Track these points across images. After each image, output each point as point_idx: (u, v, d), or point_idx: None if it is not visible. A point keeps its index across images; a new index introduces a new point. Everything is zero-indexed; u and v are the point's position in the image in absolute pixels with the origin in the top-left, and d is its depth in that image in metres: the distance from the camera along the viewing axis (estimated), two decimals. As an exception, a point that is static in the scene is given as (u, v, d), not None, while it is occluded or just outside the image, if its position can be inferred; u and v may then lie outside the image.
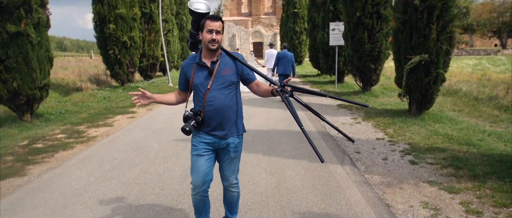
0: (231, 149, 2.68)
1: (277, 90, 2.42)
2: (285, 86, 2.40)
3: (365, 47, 10.15)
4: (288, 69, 10.31)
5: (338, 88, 13.19)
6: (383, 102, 9.72)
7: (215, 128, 2.60)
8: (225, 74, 2.57)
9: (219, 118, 2.57)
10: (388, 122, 7.15)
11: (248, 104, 9.84)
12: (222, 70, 2.57)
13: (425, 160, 4.83)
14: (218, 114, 2.56)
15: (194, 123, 2.54)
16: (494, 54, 41.24)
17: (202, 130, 2.63)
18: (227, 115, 2.60)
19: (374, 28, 9.99)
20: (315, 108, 2.66)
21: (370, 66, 10.37)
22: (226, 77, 2.57)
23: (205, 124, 2.59)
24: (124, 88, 15.36)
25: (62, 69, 32.18)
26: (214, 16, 2.51)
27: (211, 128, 2.60)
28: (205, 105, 2.55)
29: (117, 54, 14.89)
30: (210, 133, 2.62)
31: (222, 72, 2.56)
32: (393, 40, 7.57)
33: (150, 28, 18.40)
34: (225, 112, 2.58)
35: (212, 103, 2.54)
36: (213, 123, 2.58)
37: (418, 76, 7.13)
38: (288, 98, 2.38)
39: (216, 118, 2.57)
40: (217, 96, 2.54)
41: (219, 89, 2.55)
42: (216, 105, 2.54)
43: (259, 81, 2.70)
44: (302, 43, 28.59)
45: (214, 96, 2.54)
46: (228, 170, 2.78)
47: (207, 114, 2.56)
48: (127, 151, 5.79)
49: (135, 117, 9.07)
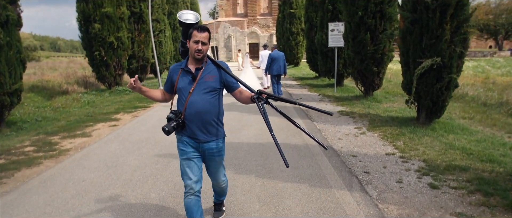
0: (215, 153, 2.83)
1: (254, 98, 2.55)
2: (262, 94, 2.52)
3: (367, 49, 9.43)
4: (282, 69, 11.00)
5: (338, 92, 12.47)
6: (387, 108, 9.01)
7: (196, 132, 2.71)
8: (208, 81, 2.69)
9: (199, 121, 2.68)
10: (396, 133, 6.43)
11: (240, 111, 9.08)
12: (205, 76, 2.69)
13: (447, 182, 4.10)
14: (198, 116, 2.67)
15: (175, 124, 2.66)
16: (491, 56, 40.86)
17: (185, 135, 2.75)
18: (207, 118, 2.70)
19: (377, 28, 9.28)
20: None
21: (373, 69, 9.65)
22: (209, 83, 2.69)
23: (186, 126, 2.71)
24: (111, 92, 14.54)
25: (51, 71, 31.26)
26: (202, 27, 2.62)
27: (192, 132, 2.72)
28: (186, 108, 2.66)
29: (104, 55, 14.07)
30: (192, 137, 2.74)
31: (205, 79, 2.69)
32: (400, 42, 6.86)
33: (140, 28, 17.59)
34: (205, 115, 2.69)
35: (193, 107, 2.65)
36: (193, 126, 2.70)
37: (428, 81, 6.42)
38: (263, 105, 2.50)
39: (196, 120, 2.68)
40: (198, 101, 2.66)
41: (201, 94, 2.67)
42: (197, 109, 2.65)
43: (242, 89, 2.78)
44: (299, 44, 27.92)
45: (195, 100, 2.66)
46: (216, 172, 2.97)
47: (187, 116, 2.67)
48: (99, 169, 5.01)
49: (117, 126, 8.28)
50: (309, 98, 11.31)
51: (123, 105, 11.51)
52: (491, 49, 51.55)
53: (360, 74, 10.03)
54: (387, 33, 9.31)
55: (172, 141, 6.85)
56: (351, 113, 8.56)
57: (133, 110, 10.52)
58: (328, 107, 9.59)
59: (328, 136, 6.39)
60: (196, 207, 2.74)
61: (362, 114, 8.30)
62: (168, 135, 2.67)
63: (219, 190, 3.18)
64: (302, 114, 8.67)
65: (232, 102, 10.40)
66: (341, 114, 8.55)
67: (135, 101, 12.27)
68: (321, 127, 7.19)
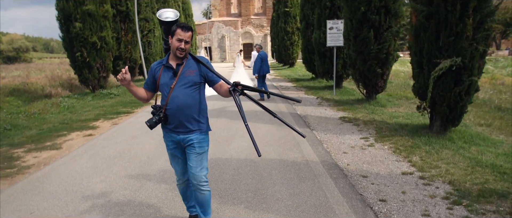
0: (195, 144, 2.79)
1: (230, 90, 2.60)
2: (237, 86, 2.57)
3: (370, 48, 8.59)
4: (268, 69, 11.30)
5: (337, 95, 11.61)
6: (393, 114, 8.16)
7: (178, 125, 2.75)
8: (188, 75, 2.73)
9: (181, 115, 2.72)
10: (409, 144, 5.57)
11: (230, 118, 8.20)
12: (186, 71, 2.73)
13: (487, 216, 3.24)
14: (180, 111, 2.71)
15: (157, 119, 2.71)
16: (489, 55, 40.31)
17: (169, 128, 2.81)
18: (189, 112, 2.74)
19: (382, 25, 8.43)
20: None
21: (377, 70, 8.81)
22: (190, 78, 2.73)
23: (168, 120, 2.76)
24: (94, 95, 13.57)
25: (39, 72, 30.17)
26: (186, 26, 2.64)
27: (175, 125, 2.76)
28: (168, 102, 2.71)
29: (86, 56, 13.12)
30: (175, 130, 2.79)
31: (186, 73, 2.72)
32: (412, 40, 6.01)
33: (127, 28, 16.69)
34: (187, 109, 2.73)
35: (175, 101, 2.70)
36: (175, 120, 2.74)
37: (445, 85, 5.58)
38: (238, 97, 2.56)
39: (178, 114, 2.72)
40: (180, 95, 2.70)
41: (182, 89, 2.71)
42: (178, 103, 2.69)
43: (222, 83, 2.78)
44: (294, 44, 27.07)
45: (177, 95, 2.70)
46: (196, 167, 2.82)
47: (169, 110, 2.72)
48: (56, 195, 4.10)
49: (93, 135, 7.36)
50: (307, 102, 10.45)
51: (105, 110, 10.57)
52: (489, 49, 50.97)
53: (362, 76, 9.18)
54: (393, 30, 8.47)
55: (149, 156, 5.93)
56: (354, 119, 7.70)
57: (115, 116, 9.60)
58: (328, 112, 8.73)
59: (331, 149, 5.52)
60: (189, 191, 3.03)
61: (366, 121, 7.44)
62: (151, 129, 2.76)
63: (200, 197, 2.89)
64: (301, 122, 7.80)
65: (222, 107, 9.52)
66: (343, 120, 7.68)
67: (119, 106, 11.34)
68: (322, 137, 6.32)
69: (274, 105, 9.87)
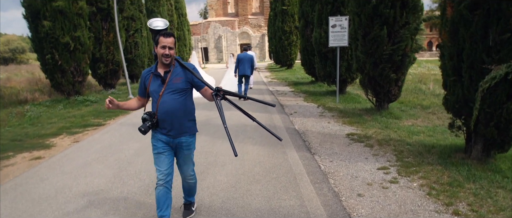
0: (184, 146, 3.04)
1: (212, 94, 2.79)
2: (219, 91, 2.76)
3: (383, 48, 7.12)
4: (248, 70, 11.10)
5: (341, 103, 10.14)
6: (411, 128, 6.70)
7: (168, 128, 2.95)
8: (175, 82, 2.90)
9: (170, 119, 2.92)
10: (446, 180, 4.10)
11: (214, 136, 6.73)
12: (173, 79, 2.90)
13: None
14: (169, 115, 2.90)
15: (150, 124, 2.90)
16: None
17: (158, 132, 2.99)
18: (177, 116, 2.93)
19: (397, 21, 6.96)
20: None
21: (390, 75, 7.33)
22: (177, 85, 2.91)
23: (159, 125, 2.95)
24: (68, 103, 12.06)
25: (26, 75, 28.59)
26: (167, 33, 2.85)
27: (165, 129, 2.96)
28: (158, 108, 2.90)
29: (58, 59, 11.62)
30: (164, 133, 2.97)
31: (173, 81, 2.90)
32: (447, 38, 4.56)
33: (109, 27, 15.19)
34: (175, 113, 2.92)
35: (164, 106, 2.89)
36: (166, 124, 2.94)
37: (494, 98, 4.11)
38: (220, 101, 2.74)
39: (167, 119, 2.92)
40: (168, 101, 2.89)
41: (170, 95, 2.89)
42: (167, 108, 2.89)
43: (207, 87, 2.92)
44: (292, 44, 25.60)
45: (166, 100, 2.89)
46: (184, 165, 3.15)
47: (160, 115, 2.92)
48: None
49: (41, 159, 5.90)
50: (306, 113, 8.97)
51: (73, 122, 9.09)
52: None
53: (373, 82, 7.70)
54: (411, 27, 7.00)
55: (97, 193, 4.22)
56: (365, 137, 6.22)
57: (81, 130, 8.12)
58: (332, 127, 7.24)
59: (340, 189, 4.03)
60: (164, 198, 2.96)
61: (381, 140, 5.97)
62: (144, 134, 2.89)
63: (187, 187, 3.28)
64: (299, 141, 6.31)
65: (205, 120, 8.01)
66: (352, 139, 6.20)
67: (91, 116, 9.86)
68: (327, 166, 4.83)
69: (268, 117, 8.39)
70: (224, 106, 2.79)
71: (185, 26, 34.01)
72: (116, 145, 6.46)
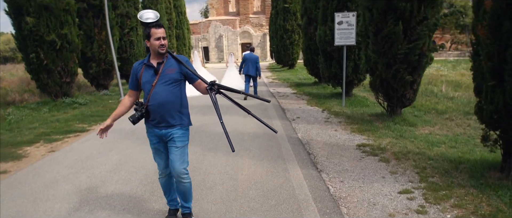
0: (176, 138, 2.93)
1: (207, 88, 2.77)
2: (214, 85, 2.74)
3: (398, 47, 6.30)
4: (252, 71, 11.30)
5: (347, 106, 9.32)
6: (429, 138, 5.89)
7: (160, 120, 2.89)
8: (169, 73, 2.86)
9: (162, 110, 2.85)
10: (489, 211, 3.29)
11: (206, 148, 5.92)
12: (166, 69, 2.86)
13: None
14: (161, 106, 2.84)
15: (139, 115, 2.85)
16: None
17: (151, 124, 2.94)
18: (169, 108, 2.87)
19: (414, 16, 6.14)
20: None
21: (405, 77, 6.52)
22: (170, 75, 2.86)
23: (150, 116, 2.90)
24: (54, 105, 11.27)
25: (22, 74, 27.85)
26: (157, 24, 2.80)
27: (157, 121, 2.90)
28: (149, 99, 2.84)
29: (43, 58, 10.83)
30: (157, 125, 2.92)
31: (167, 72, 2.86)
32: (484, 34, 3.75)
33: (101, 25, 14.38)
34: (168, 105, 2.85)
35: (156, 98, 2.83)
36: (157, 115, 2.87)
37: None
38: (215, 95, 2.73)
39: (159, 110, 2.85)
40: (160, 92, 2.83)
41: (163, 86, 2.83)
42: (159, 99, 2.82)
43: (201, 81, 2.89)
44: (294, 44, 24.77)
45: (158, 92, 2.83)
46: (177, 161, 2.95)
47: (151, 107, 2.85)
48: None
49: (8, 173, 5.13)
50: (310, 118, 8.15)
51: (55, 128, 8.31)
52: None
53: (385, 84, 6.89)
54: (429, 23, 6.18)
55: None
56: (379, 149, 5.40)
57: (61, 137, 7.35)
58: (339, 135, 6.42)
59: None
60: (168, 185, 3.15)
61: (398, 153, 5.15)
62: (134, 125, 2.88)
63: (181, 188, 3.10)
64: (302, 154, 5.51)
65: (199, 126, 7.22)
66: (363, 151, 5.38)
67: (75, 120, 9.07)
68: (338, 187, 4.02)
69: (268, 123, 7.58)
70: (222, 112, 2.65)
71: (184, 25, 33.16)
72: (94, 157, 5.66)
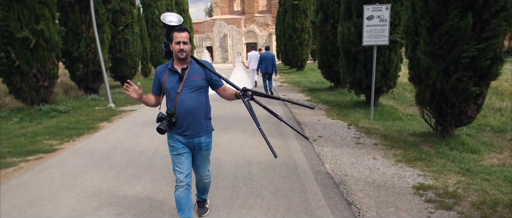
0: (203, 147, 2.94)
1: (239, 94, 2.72)
2: (246, 91, 2.69)
3: (463, 48, 4.58)
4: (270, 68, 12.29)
5: (377, 119, 7.59)
6: (505, 172, 4.17)
7: (186, 128, 2.83)
8: (194, 80, 2.81)
9: (189, 118, 2.81)
10: None
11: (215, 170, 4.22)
12: (191, 76, 2.81)
13: None
14: (188, 114, 2.80)
15: (167, 123, 2.76)
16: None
17: (175, 131, 2.87)
18: (196, 115, 2.83)
19: (489, 5, 4.43)
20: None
21: (470, 89, 4.80)
22: (195, 82, 2.81)
23: (177, 124, 2.83)
24: (29, 113, 9.65)
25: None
26: (181, 27, 2.74)
27: (183, 129, 2.84)
28: (176, 107, 2.78)
29: (15, 58, 9.21)
30: (182, 133, 2.86)
31: (192, 78, 2.81)
32: None
33: (90, 21, 12.74)
34: (194, 112, 2.82)
35: (182, 105, 2.78)
36: (185, 122, 2.82)
37: None
38: (248, 101, 2.66)
39: (186, 118, 2.81)
40: (187, 99, 2.78)
41: (189, 93, 2.79)
42: (186, 107, 2.78)
43: (226, 87, 2.89)
44: (304, 44, 23.02)
45: (184, 98, 2.78)
46: (201, 166, 3.06)
47: (178, 114, 2.80)
48: None
49: None
50: (336, 137, 6.43)
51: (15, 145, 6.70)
52: None
53: (439, 97, 5.16)
54: (509, 14, 4.45)
55: None
56: (446, 194, 3.66)
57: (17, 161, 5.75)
58: (381, 166, 4.69)
59: None
60: (185, 200, 2.87)
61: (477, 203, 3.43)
62: (163, 134, 2.76)
63: (202, 186, 3.22)
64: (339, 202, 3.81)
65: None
66: (426, 199, 3.63)
67: (45, 135, 7.43)
68: None
69: (283, 144, 5.88)
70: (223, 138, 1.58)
71: (187, 23, 31.60)
72: (44, 200, 3.99)
